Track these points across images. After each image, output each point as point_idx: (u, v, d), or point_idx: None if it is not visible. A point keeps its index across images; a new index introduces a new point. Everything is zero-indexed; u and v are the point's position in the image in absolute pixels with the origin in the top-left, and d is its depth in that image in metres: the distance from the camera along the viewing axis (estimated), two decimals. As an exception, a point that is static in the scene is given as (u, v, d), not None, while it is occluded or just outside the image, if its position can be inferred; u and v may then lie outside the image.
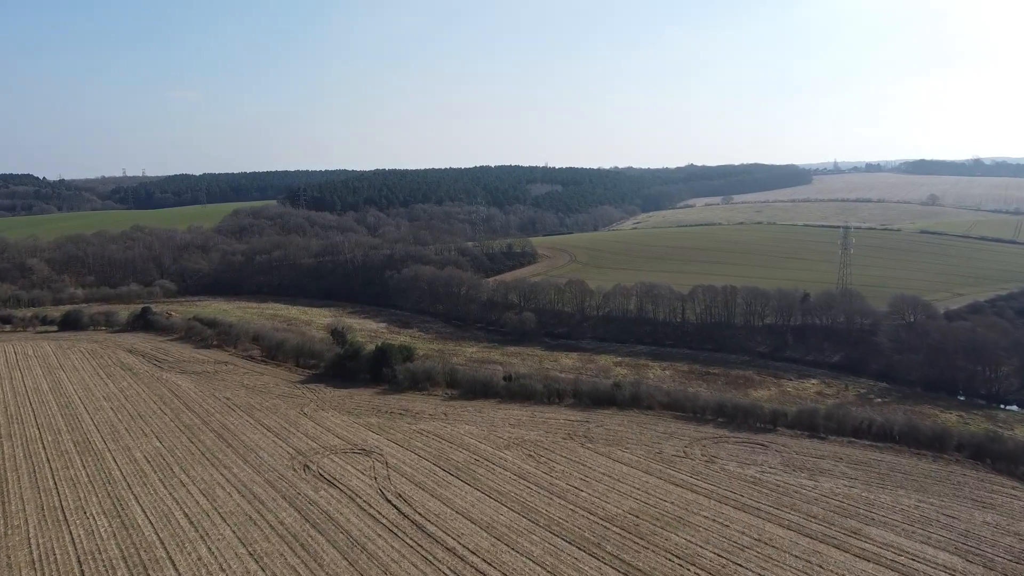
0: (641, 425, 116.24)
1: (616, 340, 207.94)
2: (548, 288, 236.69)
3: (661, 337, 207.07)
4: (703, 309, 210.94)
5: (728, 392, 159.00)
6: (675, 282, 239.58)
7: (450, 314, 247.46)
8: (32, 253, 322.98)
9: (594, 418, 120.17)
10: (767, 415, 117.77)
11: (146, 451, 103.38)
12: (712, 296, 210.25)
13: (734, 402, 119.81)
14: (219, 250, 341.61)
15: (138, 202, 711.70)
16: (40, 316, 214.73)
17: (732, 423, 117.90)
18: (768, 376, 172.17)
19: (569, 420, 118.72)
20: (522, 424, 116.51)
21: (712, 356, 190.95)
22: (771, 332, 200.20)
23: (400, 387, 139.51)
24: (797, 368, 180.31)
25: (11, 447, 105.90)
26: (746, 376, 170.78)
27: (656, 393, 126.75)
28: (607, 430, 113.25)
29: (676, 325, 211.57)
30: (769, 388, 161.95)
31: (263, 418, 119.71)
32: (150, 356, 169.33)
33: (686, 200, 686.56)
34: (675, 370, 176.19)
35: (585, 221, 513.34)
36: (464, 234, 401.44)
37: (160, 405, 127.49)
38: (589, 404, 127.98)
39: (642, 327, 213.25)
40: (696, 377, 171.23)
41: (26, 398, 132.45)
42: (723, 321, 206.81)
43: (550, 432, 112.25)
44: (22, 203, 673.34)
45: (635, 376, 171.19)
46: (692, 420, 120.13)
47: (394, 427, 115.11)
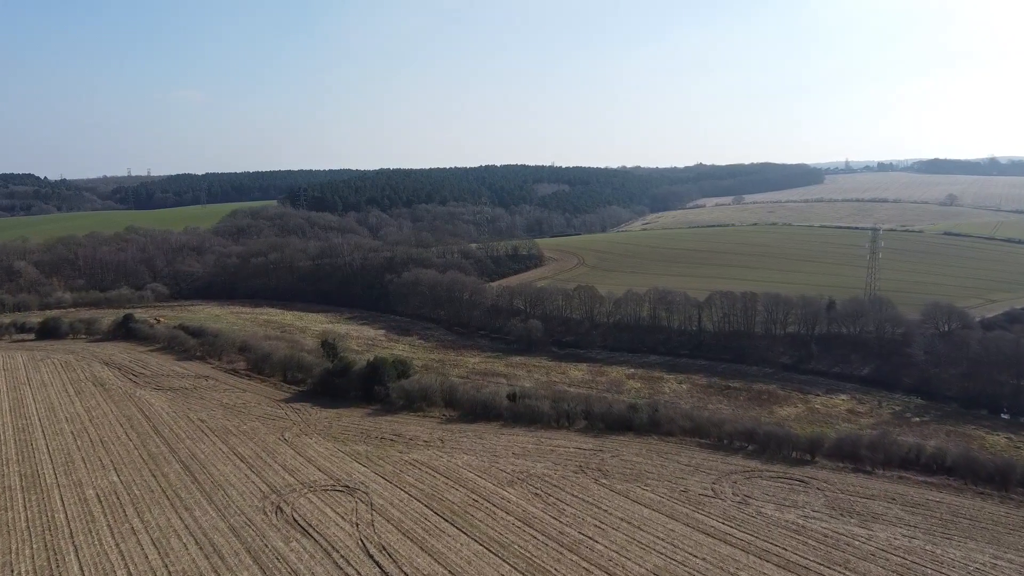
0: (662, 455, 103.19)
1: (628, 349, 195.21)
2: (555, 294, 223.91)
3: (676, 347, 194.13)
4: (721, 317, 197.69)
5: (751, 409, 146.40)
6: (689, 286, 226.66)
7: (452, 320, 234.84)
8: (21, 255, 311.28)
9: (608, 446, 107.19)
10: (803, 443, 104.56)
11: (100, 487, 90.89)
12: (730, 303, 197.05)
13: (765, 429, 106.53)
14: (214, 252, 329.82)
15: (139, 202, 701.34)
16: (18, 323, 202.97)
17: (764, 453, 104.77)
18: (793, 391, 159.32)
19: (580, 449, 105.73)
20: (528, 453, 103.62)
21: (731, 368, 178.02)
22: (794, 342, 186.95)
23: (393, 407, 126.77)
24: (824, 382, 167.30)
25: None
26: (770, 391, 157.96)
27: (677, 416, 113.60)
28: (624, 461, 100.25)
29: (692, 334, 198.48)
30: (796, 405, 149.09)
31: (238, 445, 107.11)
32: (127, 369, 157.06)
33: (696, 200, 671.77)
34: (692, 384, 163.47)
35: (593, 222, 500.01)
36: (468, 235, 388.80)
37: (126, 429, 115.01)
38: (603, 428, 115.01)
39: (656, 336, 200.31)
40: (715, 392, 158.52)
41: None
42: (742, 330, 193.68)
43: (559, 464, 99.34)
44: (21, 203, 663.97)
45: (649, 390, 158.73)
46: (719, 449, 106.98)
47: (384, 457, 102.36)
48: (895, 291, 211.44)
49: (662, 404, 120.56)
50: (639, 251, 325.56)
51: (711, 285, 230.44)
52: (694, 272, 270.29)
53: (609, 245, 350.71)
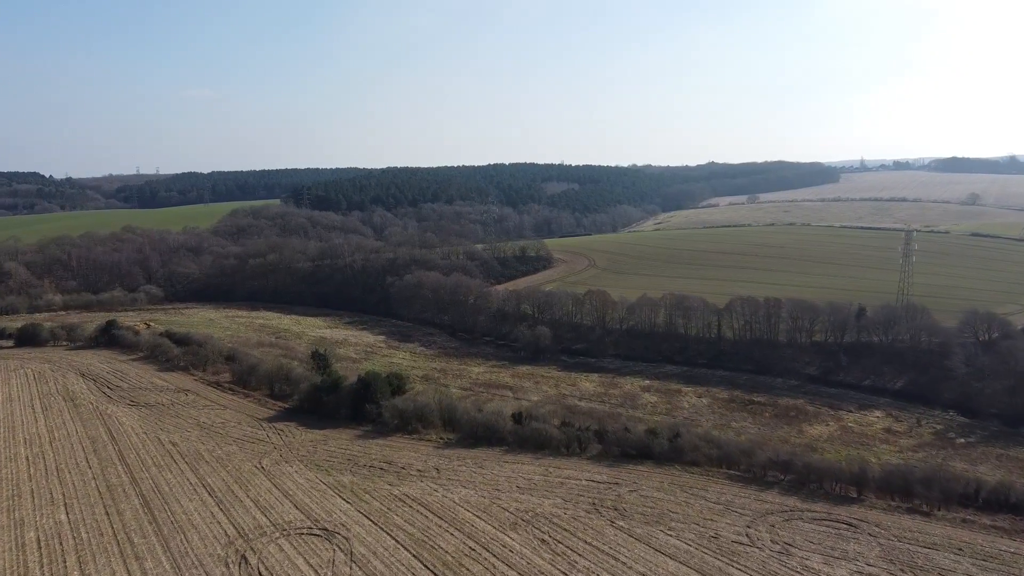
0: (687, 490, 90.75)
1: (642, 359, 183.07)
2: (565, 298, 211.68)
3: (694, 356, 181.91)
4: (742, 324, 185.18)
5: (779, 428, 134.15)
6: (705, 290, 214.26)
7: (456, 326, 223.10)
8: (11, 256, 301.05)
9: (625, 478, 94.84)
10: (847, 476, 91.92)
11: (44, 529, 79.24)
12: (752, 309, 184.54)
13: (804, 461, 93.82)
14: (212, 253, 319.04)
15: (142, 201, 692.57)
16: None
17: (802, 487, 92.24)
18: (823, 406, 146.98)
19: (594, 481, 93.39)
20: (534, 487, 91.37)
21: (754, 380, 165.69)
22: (821, 351, 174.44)
23: (386, 428, 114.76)
24: (855, 396, 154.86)
25: None
26: (797, 406, 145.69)
27: (702, 443, 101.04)
28: (643, 498, 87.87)
29: (711, 342, 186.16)
30: (827, 423, 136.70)
31: (209, 474, 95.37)
32: (103, 381, 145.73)
33: (708, 199, 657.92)
34: (713, 398, 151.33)
35: (603, 221, 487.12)
36: (475, 236, 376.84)
37: (88, 454, 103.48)
38: (618, 456, 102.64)
39: (672, 344, 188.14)
40: (738, 407, 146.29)
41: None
42: (765, 338, 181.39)
43: (570, 500, 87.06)
44: (24, 201, 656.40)
45: (667, 405, 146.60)
46: (751, 482, 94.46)
47: (371, 490, 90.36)
48: (926, 296, 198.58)
49: (684, 428, 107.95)
50: (652, 252, 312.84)
51: (729, 289, 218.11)
52: (710, 275, 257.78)
53: (620, 246, 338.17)
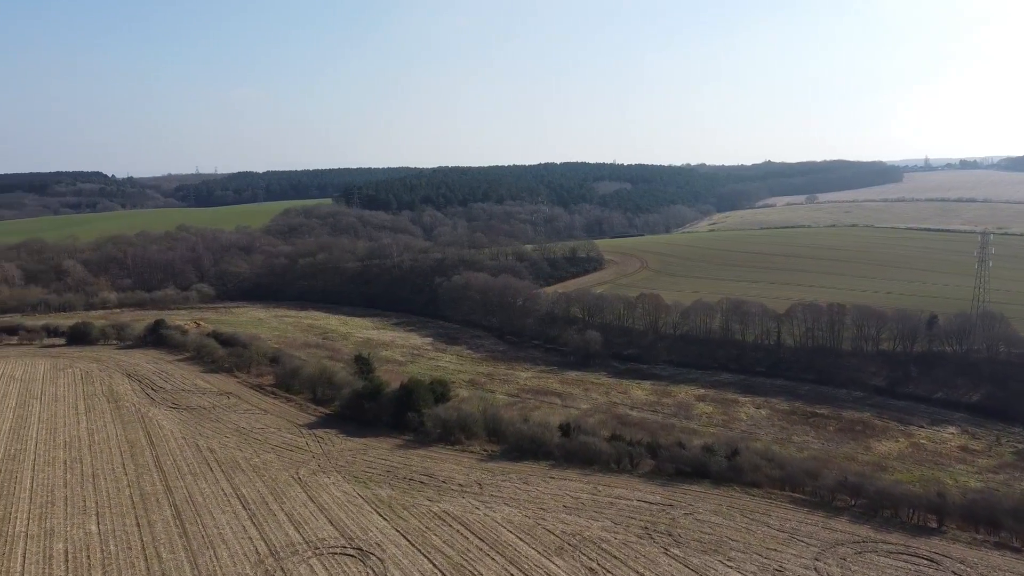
0: (747, 515, 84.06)
1: (696, 366, 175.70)
2: (616, 302, 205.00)
3: (751, 364, 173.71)
4: (803, 331, 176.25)
5: (844, 444, 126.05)
6: (763, 294, 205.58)
7: (504, 328, 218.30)
8: (70, 254, 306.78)
9: (680, 499, 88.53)
10: (925, 504, 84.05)
11: (73, 540, 76.72)
12: (814, 316, 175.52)
13: (877, 486, 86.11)
14: (263, 252, 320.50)
15: (199, 200, 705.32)
16: (50, 327, 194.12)
17: (875, 515, 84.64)
18: (891, 420, 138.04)
19: (646, 502, 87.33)
20: (582, 507, 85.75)
21: (815, 390, 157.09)
22: (888, 361, 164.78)
23: (428, 437, 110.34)
24: (926, 410, 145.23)
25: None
26: (863, 420, 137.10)
27: (763, 463, 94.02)
28: (699, 522, 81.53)
29: (769, 349, 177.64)
30: (896, 438, 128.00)
31: (244, 484, 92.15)
32: (147, 382, 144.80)
33: (765, 199, 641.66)
34: (772, 409, 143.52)
35: (656, 222, 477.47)
36: (524, 236, 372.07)
37: (125, 459, 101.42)
38: (672, 474, 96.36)
39: (728, 351, 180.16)
40: (800, 420, 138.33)
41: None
42: (828, 346, 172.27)
43: (620, 523, 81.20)
44: (87, 200, 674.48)
45: (723, 416, 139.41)
46: (817, 507, 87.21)
47: (410, 506, 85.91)
48: (1003, 303, 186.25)
49: (743, 445, 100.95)
50: (706, 254, 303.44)
51: (788, 293, 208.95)
52: (768, 278, 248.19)
53: (674, 247, 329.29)
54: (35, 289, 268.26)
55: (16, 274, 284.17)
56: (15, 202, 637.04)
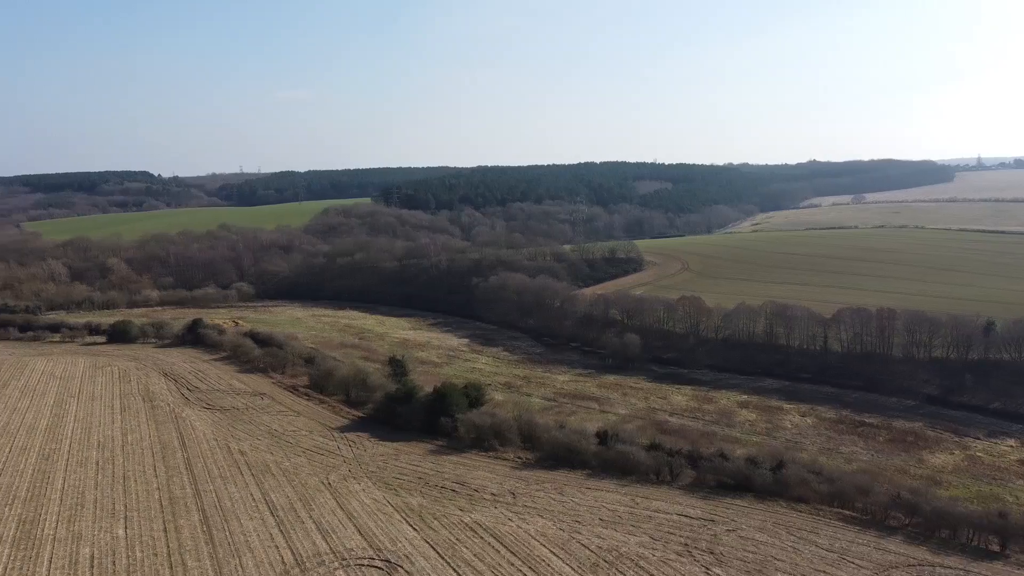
0: (793, 532, 79.81)
1: (738, 371, 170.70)
2: (656, 304, 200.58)
3: (795, 370, 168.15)
4: (851, 336, 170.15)
5: (895, 455, 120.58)
6: (809, 298, 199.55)
7: (541, 330, 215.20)
8: (114, 252, 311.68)
9: (722, 513, 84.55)
10: (986, 524, 78.92)
11: (100, 545, 75.65)
12: (863, 321, 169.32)
13: (934, 505, 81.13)
14: (302, 251, 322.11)
15: (242, 199, 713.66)
16: (92, 325, 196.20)
17: (931, 536, 79.73)
18: (945, 431, 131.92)
19: (686, 516, 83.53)
20: (618, 520, 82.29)
21: (864, 398, 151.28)
22: (942, 369, 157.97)
23: (461, 443, 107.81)
24: (982, 420, 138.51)
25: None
26: (915, 430, 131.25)
27: (810, 477, 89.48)
28: (743, 540, 77.56)
29: (815, 355, 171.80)
30: (951, 451, 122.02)
31: (273, 489, 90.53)
32: (183, 381, 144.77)
33: (810, 199, 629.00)
34: (818, 417, 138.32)
35: (698, 222, 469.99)
36: (563, 236, 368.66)
37: (157, 461, 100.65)
38: (714, 486, 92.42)
39: (771, 356, 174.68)
40: (848, 429, 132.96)
41: (9, 442, 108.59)
42: (877, 352, 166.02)
43: (658, 539, 77.60)
44: (134, 199, 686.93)
45: (767, 424, 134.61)
46: (868, 525, 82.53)
47: (440, 515, 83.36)
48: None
49: (789, 457, 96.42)
50: (750, 255, 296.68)
51: (835, 296, 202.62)
52: (813, 280, 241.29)
53: (716, 248, 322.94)
54: (80, 286, 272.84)
55: (63, 272, 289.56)
56: (65, 201, 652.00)
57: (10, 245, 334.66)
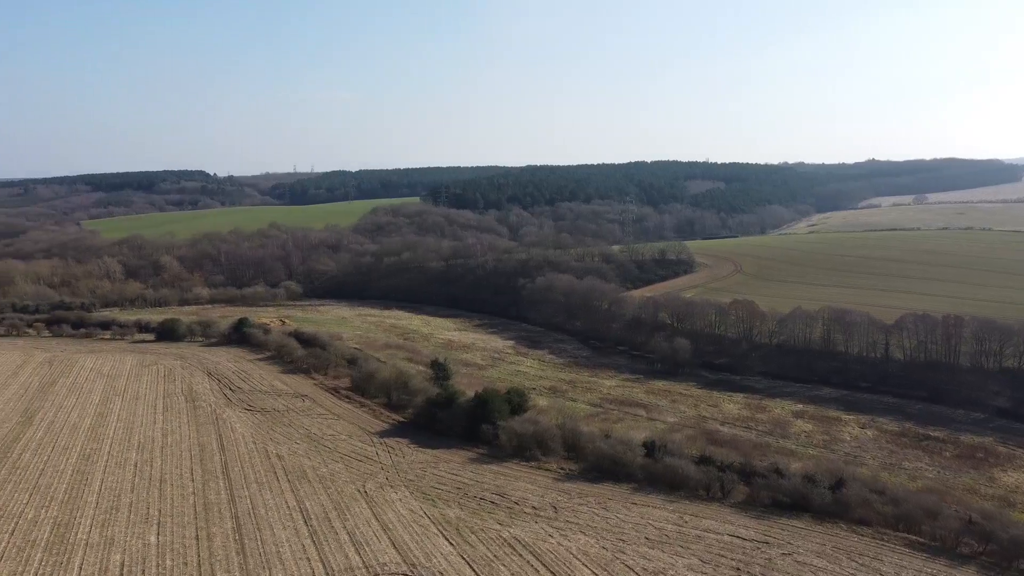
0: (855, 558, 74.25)
1: (793, 378, 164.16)
2: (707, 307, 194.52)
3: (854, 378, 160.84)
4: (914, 344, 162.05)
5: (963, 473, 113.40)
6: (868, 302, 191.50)
7: (588, 333, 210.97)
8: (167, 250, 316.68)
9: (777, 535, 79.39)
10: (1070, 555, 72.35)
11: (131, 552, 74.13)
12: (928, 328, 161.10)
13: (1011, 533, 74.67)
14: (350, 250, 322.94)
15: (294, 198, 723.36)
16: (142, 323, 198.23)
17: (1008, 567, 73.34)
18: (1018, 447, 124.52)
19: (738, 538, 78.59)
20: (666, 540, 77.79)
21: (929, 410, 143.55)
22: (1013, 380, 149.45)
23: (502, 452, 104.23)
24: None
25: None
26: (985, 445, 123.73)
27: (873, 497, 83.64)
28: (799, 564, 72.37)
29: (876, 363, 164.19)
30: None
31: (308, 496, 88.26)
32: (226, 381, 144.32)
33: (868, 199, 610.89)
34: (879, 429, 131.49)
35: (751, 223, 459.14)
36: (612, 236, 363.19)
37: (194, 464, 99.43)
38: (768, 504, 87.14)
39: (828, 363, 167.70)
40: (911, 443, 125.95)
41: (52, 441, 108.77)
42: (942, 361, 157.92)
43: (709, 561, 72.93)
44: (189, 198, 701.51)
45: (824, 436, 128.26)
46: (938, 552, 76.43)
47: (478, 529, 79.97)
48: None
49: (849, 474, 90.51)
50: (805, 257, 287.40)
51: (896, 301, 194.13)
52: (873, 284, 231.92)
53: (770, 250, 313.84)
54: (134, 284, 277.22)
55: (118, 269, 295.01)
56: (124, 199, 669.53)
57: (69, 243, 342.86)
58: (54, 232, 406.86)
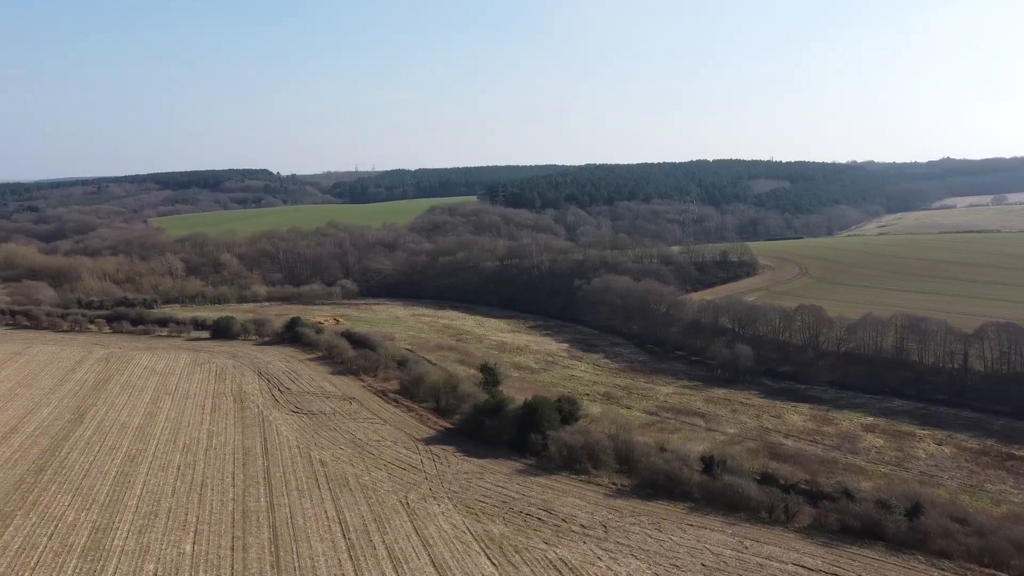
0: (935, 597, 67.63)
1: (862, 389, 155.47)
2: (771, 312, 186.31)
3: (929, 390, 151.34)
4: (997, 355, 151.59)
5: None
6: (944, 309, 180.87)
7: (645, 337, 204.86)
8: (227, 248, 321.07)
9: (847, 566, 72.92)
10: None
11: (165, 561, 72.12)
12: (1012, 338, 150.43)
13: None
14: (406, 249, 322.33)
15: (354, 196, 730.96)
16: (198, 320, 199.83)
17: (1113, 611, 65.89)
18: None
19: (803, 567, 72.43)
20: (724, 566, 72.16)
21: (1012, 426, 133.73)
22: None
23: (551, 463, 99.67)
24: None
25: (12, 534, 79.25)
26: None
27: (955, 527, 76.30)
28: (873, 602, 66.04)
29: (953, 375, 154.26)
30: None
31: (349, 507, 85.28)
32: (276, 382, 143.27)
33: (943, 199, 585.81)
34: (957, 447, 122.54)
35: (817, 223, 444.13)
36: (672, 236, 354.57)
37: (237, 468, 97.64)
38: (836, 531, 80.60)
39: (901, 373, 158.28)
40: (994, 463, 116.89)
41: (100, 440, 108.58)
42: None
43: (771, 594, 67.19)
44: (252, 196, 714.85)
45: (896, 452, 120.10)
46: (1030, 593, 69.28)
47: (523, 548, 75.66)
48: None
49: (927, 500, 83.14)
50: (876, 260, 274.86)
51: (975, 308, 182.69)
52: (950, 290, 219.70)
53: (837, 252, 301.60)
54: (194, 281, 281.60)
55: (179, 266, 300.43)
56: (191, 197, 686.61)
57: (135, 240, 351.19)
58: (122, 229, 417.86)
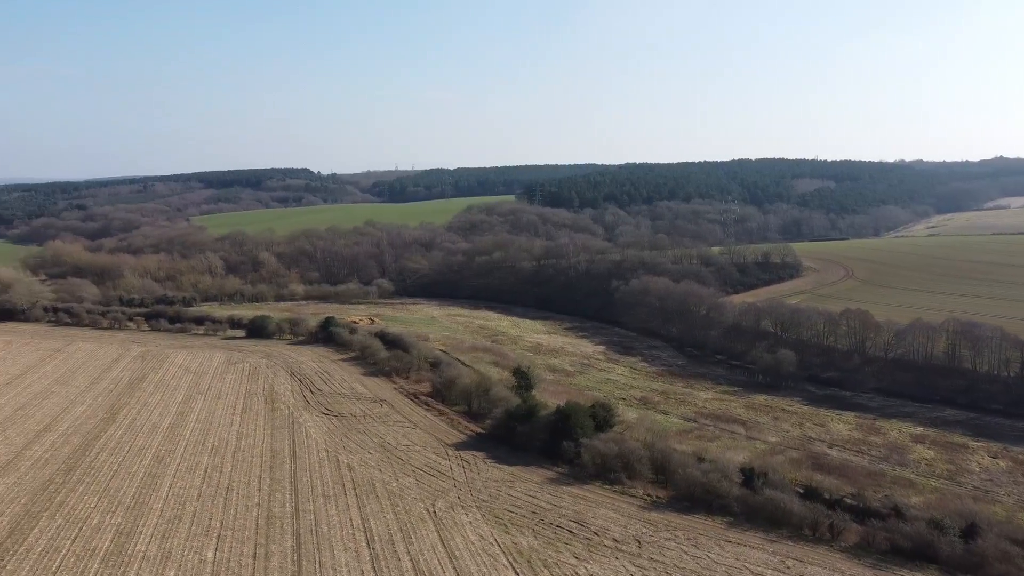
0: (993, 627, 63.02)
1: (911, 397, 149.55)
2: (815, 316, 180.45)
3: (982, 399, 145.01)
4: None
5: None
6: (998, 314, 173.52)
7: (684, 339, 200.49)
8: (267, 247, 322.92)
9: (896, 590, 68.76)
10: None
11: (185, 569, 70.60)
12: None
13: None
14: (442, 249, 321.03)
15: (392, 195, 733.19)
16: (234, 319, 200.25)
17: None
18: None
19: (850, 591, 68.40)
20: (764, 588, 68.42)
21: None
22: None
23: (583, 472, 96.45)
24: None
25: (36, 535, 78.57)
26: None
27: (1015, 552, 71.35)
28: (925, 631, 61.76)
29: (1009, 383, 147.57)
30: None
31: (374, 515, 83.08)
32: (308, 382, 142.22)
33: (996, 200, 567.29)
34: (1013, 460, 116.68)
35: (863, 224, 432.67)
36: (712, 237, 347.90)
37: (264, 472, 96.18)
38: (885, 551, 76.14)
39: (952, 381, 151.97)
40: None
41: (130, 441, 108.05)
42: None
43: (814, 620, 63.24)
44: (293, 195, 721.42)
45: (948, 465, 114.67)
46: (1098, 625, 64.27)
47: (552, 562, 72.65)
48: None
49: (983, 521, 78.14)
50: (925, 263, 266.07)
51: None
52: (1004, 294, 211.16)
53: (885, 253, 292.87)
54: (233, 279, 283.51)
55: (219, 264, 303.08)
56: (233, 196, 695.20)
57: (176, 238, 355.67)
58: (164, 228, 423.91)
